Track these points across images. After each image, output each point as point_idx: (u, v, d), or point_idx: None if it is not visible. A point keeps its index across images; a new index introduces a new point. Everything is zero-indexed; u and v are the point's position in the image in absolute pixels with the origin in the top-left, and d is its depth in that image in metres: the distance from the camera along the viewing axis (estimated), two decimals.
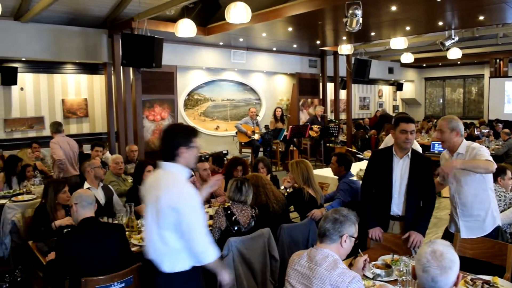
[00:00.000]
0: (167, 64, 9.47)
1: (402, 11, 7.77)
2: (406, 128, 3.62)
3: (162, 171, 2.72)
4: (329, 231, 2.54)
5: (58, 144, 6.59)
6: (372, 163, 3.90)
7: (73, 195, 3.30)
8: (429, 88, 19.47)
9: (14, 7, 7.74)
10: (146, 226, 2.79)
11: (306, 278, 2.47)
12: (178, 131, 2.76)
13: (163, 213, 2.58)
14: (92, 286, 2.92)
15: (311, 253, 2.54)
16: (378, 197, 3.77)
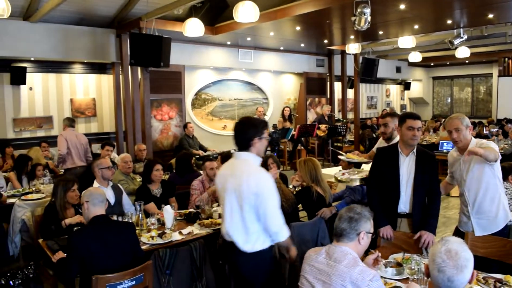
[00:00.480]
0: (174, 63, 9.50)
1: (410, 9, 7.73)
2: (412, 124, 3.59)
3: (238, 160, 3.05)
4: (346, 230, 2.55)
5: (63, 137, 6.95)
6: (377, 161, 3.86)
7: (84, 193, 3.31)
8: (437, 87, 19.37)
9: (23, 7, 7.78)
10: (226, 211, 3.04)
11: (324, 275, 2.47)
12: (251, 123, 3.05)
13: (245, 198, 2.90)
14: (103, 284, 2.93)
15: (330, 250, 2.55)
16: (385, 195, 3.73)
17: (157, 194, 5.01)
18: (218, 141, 11.57)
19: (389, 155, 3.75)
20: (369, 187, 3.90)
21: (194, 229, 4.15)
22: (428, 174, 3.64)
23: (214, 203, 4.99)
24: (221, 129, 12.01)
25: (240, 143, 3.03)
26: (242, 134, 3.02)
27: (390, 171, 3.69)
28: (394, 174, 3.66)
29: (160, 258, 3.41)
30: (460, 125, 3.54)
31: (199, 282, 3.61)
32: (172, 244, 3.78)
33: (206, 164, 5.25)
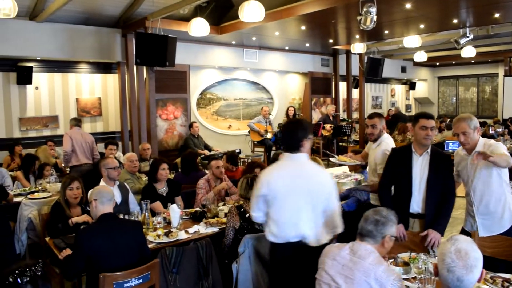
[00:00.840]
0: (180, 63, 9.50)
1: (416, 8, 7.71)
2: (426, 124, 3.58)
3: (296, 161, 3.14)
4: (372, 233, 2.58)
5: (69, 136, 7.04)
6: (390, 161, 3.85)
7: (92, 191, 3.32)
8: (442, 87, 19.31)
9: (29, 6, 7.81)
10: (293, 210, 3.05)
11: (347, 270, 2.50)
12: (301, 125, 3.17)
13: (319, 197, 3.06)
14: (110, 282, 2.94)
15: (354, 247, 2.57)
16: (398, 195, 3.74)
17: (163, 193, 5.02)
18: (223, 140, 11.58)
19: (403, 155, 3.74)
20: (381, 187, 3.87)
21: (200, 228, 4.16)
22: (442, 174, 3.61)
23: (219, 202, 5.00)
24: (226, 129, 12.02)
25: (290, 143, 3.14)
26: (293, 135, 3.12)
27: (403, 170, 3.68)
28: (406, 174, 3.66)
29: (167, 257, 3.42)
30: (468, 128, 3.50)
31: (205, 281, 3.62)
32: (178, 243, 3.79)
33: (212, 163, 5.25)
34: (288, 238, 3.05)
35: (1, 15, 5.71)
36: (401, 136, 11.02)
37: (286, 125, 3.31)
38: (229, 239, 3.86)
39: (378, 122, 4.28)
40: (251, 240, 3.60)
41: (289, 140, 3.14)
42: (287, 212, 3.05)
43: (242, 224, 3.83)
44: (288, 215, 3.05)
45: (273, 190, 3.05)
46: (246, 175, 4.16)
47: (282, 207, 3.05)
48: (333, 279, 2.53)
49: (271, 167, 3.24)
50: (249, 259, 3.60)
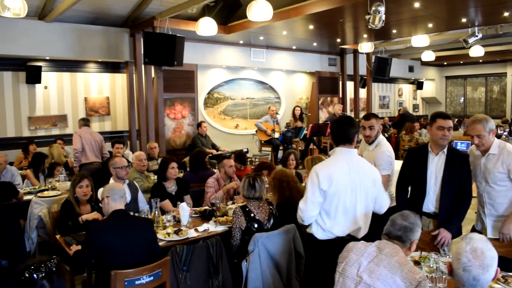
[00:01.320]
0: (187, 62, 9.53)
1: (424, 8, 7.69)
2: (443, 124, 3.54)
3: (349, 155, 3.19)
4: (401, 238, 2.60)
5: (78, 134, 7.12)
6: (407, 161, 3.83)
7: (105, 188, 3.35)
8: (450, 87, 19.23)
9: (39, 6, 7.87)
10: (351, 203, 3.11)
11: (373, 266, 2.51)
12: (351, 122, 3.27)
13: (373, 190, 3.21)
14: (121, 279, 2.96)
15: (381, 245, 2.58)
16: (413, 194, 3.73)
17: (172, 191, 5.04)
18: (230, 140, 11.60)
19: (419, 155, 3.72)
20: (399, 187, 3.84)
21: (210, 227, 4.17)
22: (459, 175, 3.57)
23: (228, 201, 5.01)
24: (233, 128, 12.03)
25: (345, 139, 3.18)
26: (347, 130, 3.18)
27: (418, 170, 3.67)
28: (421, 173, 3.64)
29: (177, 255, 3.43)
30: (483, 131, 3.43)
31: (215, 279, 3.63)
32: (188, 241, 3.81)
33: (224, 162, 5.26)
34: (339, 233, 3.12)
35: (11, 14, 5.75)
36: (408, 135, 11.00)
37: (338, 121, 3.33)
38: (236, 240, 3.86)
39: (376, 123, 4.17)
40: (261, 238, 3.61)
41: (343, 135, 3.19)
42: (346, 205, 3.10)
43: (248, 225, 3.83)
44: (347, 209, 3.10)
45: (334, 185, 3.05)
46: (248, 175, 4.16)
47: (341, 201, 3.08)
48: (358, 275, 2.54)
49: (326, 162, 3.26)
50: (259, 258, 3.61)
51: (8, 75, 8.72)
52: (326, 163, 3.23)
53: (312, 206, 3.08)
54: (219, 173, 5.36)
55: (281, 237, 3.76)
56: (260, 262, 3.62)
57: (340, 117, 3.55)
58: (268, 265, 3.69)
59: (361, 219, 3.16)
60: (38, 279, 1.86)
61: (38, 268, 1.88)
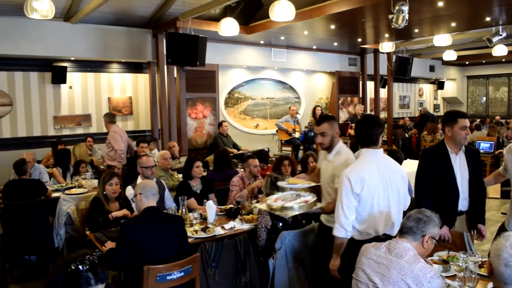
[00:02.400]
0: (209, 62, 9.59)
1: (448, 6, 7.62)
2: (465, 124, 3.56)
3: (377, 156, 3.23)
4: (412, 229, 2.56)
5: (119, 134, 7.01)
6: (426, 162, 3.77)
7: (138, 185, 3.43)
8: (472, 87, 18.99)
9: (64, 8, 8.01)
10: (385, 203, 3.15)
11: (383, 268, 2.51)
12: (378, 121, 3.31)
13: (401, 188, 3.23)
14: (153, 274, 3.03)
15: (390, 246, 2.57)
16: (442, 196, 3.68)
17: (197, 190, 5.11)
18: (251, 139, 11.65)
19: (439, 155, 3.70)
20: (421, 189, 3.76)
21: (236, 224, 4.22)
22: (478, 169, 3.67)
23: (253, 199, 5.06)
24: (254, 128, 12.08)
25: (369, 138, 3.21)
26: (372, 131, 3.21)
27: (444, 170, 3.64)
28: (449, 174, 3.63)
29: (207, 251, 3.49)
30: None
31: (243, 276, 3.68)
32: (215, 238, 3.86)
33: (249, 161, 5.31)
34: (376, 233, 3.14)
35: (39, 16, 5.89)
36: (430, 136, 10.92)
37: (361, 122, 3.36)
38: (262, 240, 3.90)
39: (328, 128, 3.54)
40: (288, 236, 3.65)
41: (368, 136, 3.20)
42: (380, 205, 3.12)
43: (274, 223, 3.87)
44: (381, 208, 3.12)
45: (367, 186, 3.06)
46: (270, 174, 4.19)
47: (375, 201, 3.10)
48: (369, 279, 2.54)
49: (355, 165, 3.18)
50: (285, 255, 3.65)
51: (35, 76, 8.91)
52: (355, 167, 3.16)
53: (348, 211, 3.06)
54: (243, 172, 5.41)
55: (307, 235, 3.80)
56: (287, 259, 3.67)
57: (363, 117, 3.51)
58: (294, 263, 3.73)
59: (395, 216, 3.17)
60: (83, 271, 1.92)
61: (83, 260, 1.95)
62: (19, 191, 5.20)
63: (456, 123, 3.57)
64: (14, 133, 8.70)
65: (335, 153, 3.52)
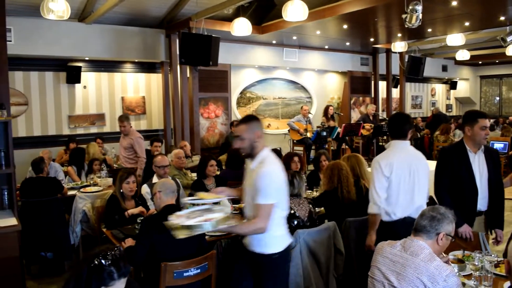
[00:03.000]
0: (221, 62, 9.63)
1: (461, 6, 7.58)
2: (486, 124, 3.60)
3: (405, 147, 3.58)
4: (426, 228, 2.57)
5: (142, 140, 6.95)
6: (445, 161, 3.79)
7: (157, 183, 3.49)
8: (485, 87, 18.84)
9: (79, 9, 8.10)
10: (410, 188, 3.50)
11: (398, 266, 2.52)
12: (408, 119, 3.64)
13: (425, 174, 3.56)
14: (170, 271, 3.08)
15: (406, 244, 2.58)
16: (461, 195, 3.70)
17: (211, 188, 5.14)
18: None
19: (458, 154, 3.72)
20: (440, 188, 3.80)
21: None
22: (498, 168, 3.70)
23: None
24: (265, 128, 12.10)
25: (400, 132, 3.55)
26: (402, 126, 3.54)
27: (464, 170, 3.67)
28: (468, 173, 3.66)
29: (223, 248, 3.53)
30: None
31: None
32: (230, 236, 3.89)
33: None
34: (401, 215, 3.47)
35: (55, 17, 5.99)
36: (443, 136, 10.87)
37: (395, 117, 3.77)
38: None
39: (246, 131, 2.98)
40: (303, 234, 3.68)
41: (399, 130, 3.55)
42: (406, 189, 3.47)
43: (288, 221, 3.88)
44: (406, 192, 3.47)
45: (395, 171, 3.44)
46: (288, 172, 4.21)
47: (401, 186, 3.46)
48: (385, 277, 2.55)
49: (385, 153, 3.58)
50: (300, 253, 3.67)
51: (50, 75, 9.03)
52: (385, 154, 3.57)
53: (380, 191, 3.45)
54: None
55: (321, 233, 3.82)
56: (301, 258, 3.69)
57: (396, 113, 3.94)
58: (309, 261, 3.75)
59: (419, 200, 3.50)
60: (106, 265, 1.97)
61: (105, 255, 2.00)
62: (37, 188, 5.28)
63: (476, 123, 3.61)
64: (29, 132, 8.83)
65: (259, 161, 2.97)
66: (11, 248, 3.90)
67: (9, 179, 4.43)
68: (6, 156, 4.37)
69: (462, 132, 10.36)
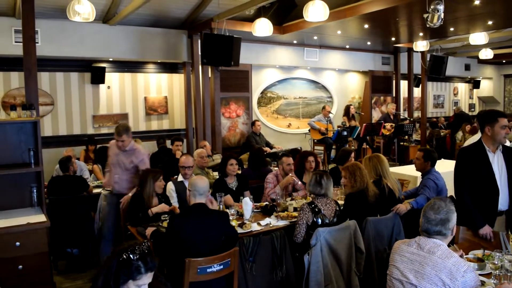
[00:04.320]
0: (242, 62, 9.65)
1: (484, 5, 7.50)
2: (506, 123, 3.61)
3: None
4: (441, 232, 2.61)
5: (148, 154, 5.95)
6: (464, 161, 3.80)
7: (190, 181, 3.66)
8: (509, 86, 18.49)
9: (103, 11, 8.26)
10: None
11: (416, 264, 2.56)
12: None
13: None
14: (194, 266, 3.17)
15: (421, 242, 2.62)
16: (482, 195, 3.71)
17: (233, 187, 5.24)
18: (283, 138, 11.74)
19: (476, 154, 3.73)
20: (460, 188, 3.80)
21: (272, 221, 4.32)
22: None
23: (287, 197, 5.15)
24: (286, 127, 12.15)
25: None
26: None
27: (483, 169, 3.68)
28: (488, 172, 3.66)
29: (245, 246, 3.61)
30: None
31: (280, 270, 3.78)
32: (251, 234, 3.97)
33: (283, 159, 5.42)
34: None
35: (81, 19, 6.14)
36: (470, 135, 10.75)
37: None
38: (300, 236, 3.97)
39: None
40: (323, 232, 3.72)
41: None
42: None
43: (314, 220, 3.94)
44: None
45: None
46: (316, 172, 4.25)
47: None
48: (403, 275, 2.59)
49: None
50: (321, 251, 3.72)
51: (75, 76, 9.26)
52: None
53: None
54: (278, 169, 5.51)
55: (342, 232, 3.86)
56: (322, 256, 3.73)
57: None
58: (329, 259, 3.79)
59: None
60: (134, 260, 2.06)
61: (134, 250, 2.09)
62: (63, 187, 5.45)
63: (496, 122, 3.62)
64: (55, 132, 9.06)
65: None
66: (41, 243, 4.01)
67: (38, 177, 4.56)
68: (35, 155, 4.49)
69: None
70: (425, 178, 4.87)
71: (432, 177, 4.80)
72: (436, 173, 4.89)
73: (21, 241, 3.89)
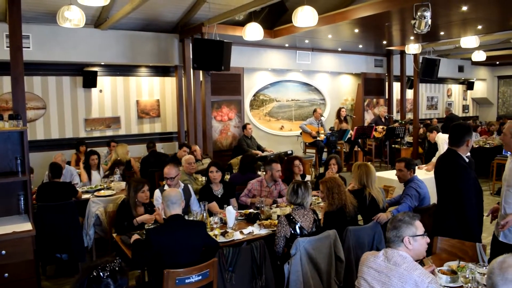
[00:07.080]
0: (234, 66, 9.76)
1: (473, 11, 7.56)
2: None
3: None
4: (391, 239, 2.74)
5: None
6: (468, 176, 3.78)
7: (162, 195, 3.66)
8: (503, 87, 18.57)
9: (94, 15, 8.30)
10: None
11: (383, 276, 2.63)
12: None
13: None
14: (173, 277, 3.22)
15: (388, 254, 2.70)
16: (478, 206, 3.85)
17: (219, 194, 5.28)
18: (275, 141, 11.80)
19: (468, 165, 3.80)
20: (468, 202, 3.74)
21: (255, 230, 4.37)
22: None
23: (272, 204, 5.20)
24: (278, 130, 12.21)
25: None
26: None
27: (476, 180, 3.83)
28: None
29: (224, 256, 3.66)
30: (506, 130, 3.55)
31: (259, 280, 3.83)
32: (234, 242, 4.03)
33: (273, 165, 5.47)
34: None
35: (71, 25, 6.17)
36: None
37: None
38: (279, 248, 4.03)
39: None
40: (303, 242, 3.78)
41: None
42: None
43: (292, 233, 3.99)
44: None
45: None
46: (295, 181, 4.29)
47: None
48: (371, 286, 2.67)
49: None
50: (300, 261, 3.78)
51: (67, 80, 9.31)
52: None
53: None
54: (264, 174, 5.56)
55: (322, 241, 3.91)
56: (302, 265, 3.79)
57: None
58: (309, 268, 3.85)
59: None
60: (104, 277, 2.11)
61: (104, 267, 2.14)
62: (52, 193, 5.49)
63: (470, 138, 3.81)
64: (47, 135, 9.11)
65: None
66: (27, 252, 4.05)
67: (25, 185, 4.60)
68: (22, 164, 4.54)
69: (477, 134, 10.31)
70: (407, 187, 4.93)
71: (414, 185, 4.86)
72: (418, 181, 4.96)
73: (6, 250, 3.93)
